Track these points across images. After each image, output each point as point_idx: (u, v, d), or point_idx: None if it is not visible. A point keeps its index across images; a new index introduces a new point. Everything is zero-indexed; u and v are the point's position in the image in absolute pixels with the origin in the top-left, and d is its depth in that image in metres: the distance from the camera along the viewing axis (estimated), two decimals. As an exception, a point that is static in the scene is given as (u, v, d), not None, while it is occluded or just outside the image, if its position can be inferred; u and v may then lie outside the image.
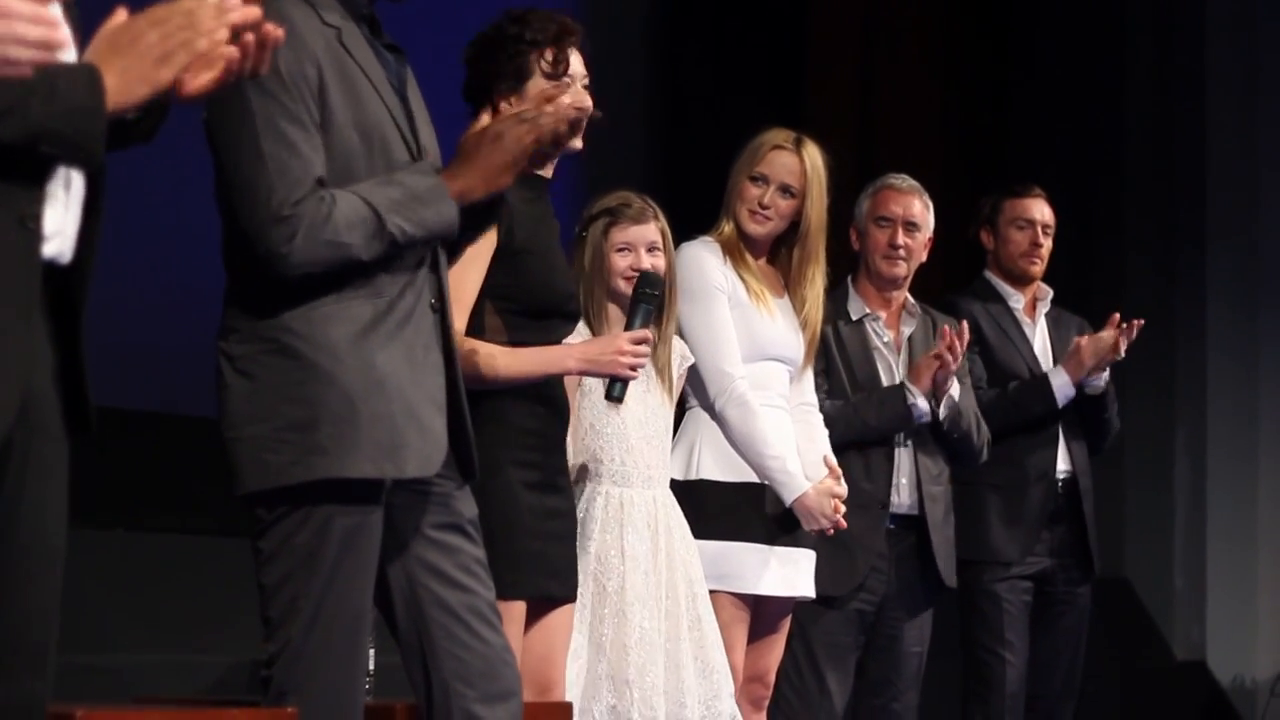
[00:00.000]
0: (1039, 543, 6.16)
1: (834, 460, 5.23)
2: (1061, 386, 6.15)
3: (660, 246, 4.89)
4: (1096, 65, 9.66)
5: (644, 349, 4.41)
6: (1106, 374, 6.20)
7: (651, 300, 4.49)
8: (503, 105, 4.32)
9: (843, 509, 5.11)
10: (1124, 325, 6.10)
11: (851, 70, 9.07)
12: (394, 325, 3.36)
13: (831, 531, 5.11)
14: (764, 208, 5.19)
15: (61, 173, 2.54)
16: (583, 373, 4.41)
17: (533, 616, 4.35)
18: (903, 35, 9.18)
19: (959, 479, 5.87)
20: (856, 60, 9.09)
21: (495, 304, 4.26)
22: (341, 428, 3.29)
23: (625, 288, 4.72)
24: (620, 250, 4.81)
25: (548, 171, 4.38)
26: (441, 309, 3.47)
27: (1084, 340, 6.16)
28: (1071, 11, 9.72)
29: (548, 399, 4.33)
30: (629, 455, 4.81)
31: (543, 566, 4.29)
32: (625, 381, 4.42)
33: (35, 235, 2.49)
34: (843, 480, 5.18)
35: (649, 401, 4.88)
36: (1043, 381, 6.16)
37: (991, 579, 6.09)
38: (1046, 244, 6.34)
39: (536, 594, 4.30)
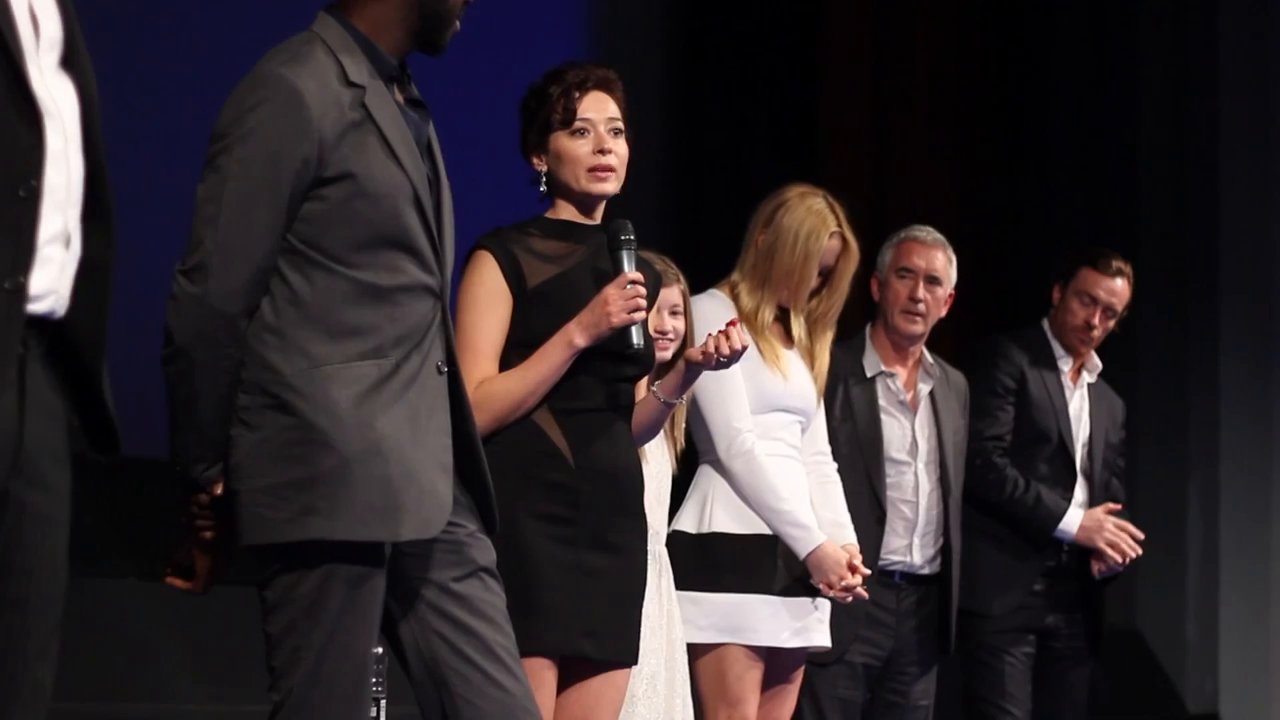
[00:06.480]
0: (1037, 596, 6.07)
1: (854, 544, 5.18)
2: (1064, 531, 6.04)
3: (681, 310, 4.91)
4: (1110, 116, 9.69)
5: (636, 289, 4.17)
6: (1116, 564, 6.07)
7: (628, 244, 4.23)
8: (535, 161, 4.30)
9: (859, 576, 5.03)
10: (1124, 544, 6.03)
11: (864, 121, 9.10)
12: (399, 387, 3.36)
13: (847, 598, 5.05)
14: None
15: (61, 231, 2.59)
16: (591, 340, 4.17)
17: (573, 677, 4.23)
18: (915, 87, 9.21)
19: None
20: (869, 111, 9.12)
21: (512, 350, 4.22)
22: (335, 488, 3.30)
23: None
24: None
25: (595, 217, 4.31)
26: (451, 370, 3.47)
27: (1108, 528, 6.04)
28: (1085, 63, 9.75)
29: (589, 455, 4.19)
30: (648, 509, 4.79)
31: (569, 623, 4.15)
32: (632, 327, 4.18)
33: (19, 297, 2.53)
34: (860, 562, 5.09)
35: (659, 459, 4.87)
36: (1052, 518, 6.03)
37: (991, 631, 5.99)
38: (1102, 325, 6.16)
39: (560, 651, 4.17)
